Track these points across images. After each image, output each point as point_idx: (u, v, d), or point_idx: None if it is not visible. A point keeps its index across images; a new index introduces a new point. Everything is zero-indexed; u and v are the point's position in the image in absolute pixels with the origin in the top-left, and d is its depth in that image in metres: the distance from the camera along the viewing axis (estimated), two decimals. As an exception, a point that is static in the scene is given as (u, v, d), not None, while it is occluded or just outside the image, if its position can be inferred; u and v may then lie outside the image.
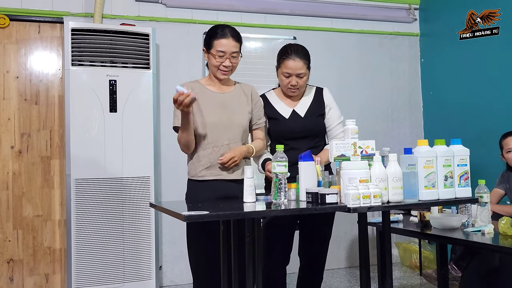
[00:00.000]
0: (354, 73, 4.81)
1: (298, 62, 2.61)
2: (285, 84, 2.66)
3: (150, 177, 3.77)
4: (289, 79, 2.64)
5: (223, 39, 2.46)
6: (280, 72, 2.68)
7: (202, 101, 2.49)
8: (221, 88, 2.58)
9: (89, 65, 3.66)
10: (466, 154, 2.33)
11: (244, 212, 1.99)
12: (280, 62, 2.67)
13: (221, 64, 2.47)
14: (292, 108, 2.72)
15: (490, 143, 4.10)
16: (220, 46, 2.45)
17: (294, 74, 2.62)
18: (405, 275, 4.37)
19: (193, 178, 2.50)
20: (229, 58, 2.47)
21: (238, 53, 2.51)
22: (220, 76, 2.52)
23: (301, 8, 4.65)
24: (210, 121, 2.48)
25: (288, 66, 2.62)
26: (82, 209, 3.58)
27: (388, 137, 4.82)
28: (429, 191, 2.22)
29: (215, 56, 2.46)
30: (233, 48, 2.48)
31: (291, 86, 2.65)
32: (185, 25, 4.32)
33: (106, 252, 3.63)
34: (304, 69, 2.63)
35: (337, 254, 4.62)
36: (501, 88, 4.18)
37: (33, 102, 3.98)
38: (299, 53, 2.64)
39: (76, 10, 4.02)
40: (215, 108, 2.51)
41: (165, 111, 4.16)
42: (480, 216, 2.64)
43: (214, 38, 2.47)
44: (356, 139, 2.24)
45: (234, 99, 2.57)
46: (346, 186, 2.08)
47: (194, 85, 2.54)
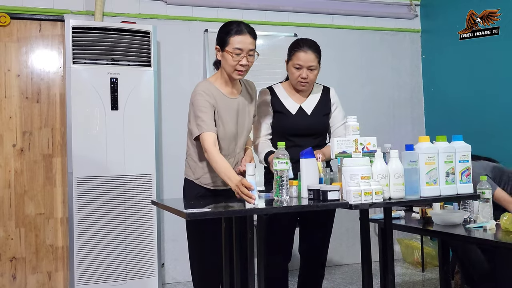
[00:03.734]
0: (355, 70, 4.81)
1: (309, 55, 2.58)
2: (295, 77, 2.62)
3: (151, 174, 3.78)
4: (300, 72, 2.59)
5: (240, 36, 2.31)
6: (291, 65, 2.63)
7: (221, 107, 2.39)
8: (232, 91, 2.46)
9: (90, 63, 3.66)
10: (468, 150, 2.33)
11: (246, 209, 1.99)
12: (292, 55, 2.63)
13: (238, 63, 2.32)
14: (299, 105, 2.70)
15: (491, 139, 4.10)
16: (237, 43, 2.30)
17: (305, 67, 2.58)
18: (407, 272, 4.37)
19: (195, 182, 2.47)
20: (246, 57, 2.32)
21: (254, 51, 2.37)
22: (236, 76, 2.37)
23: (301, 5, 4.64)
24: (229, 132, 2.41)
25: (300, 58, 2.58)
26: (84, 207, 3.59)
27: (389, 133, 4.81)
28: (430, 188, 2.23)
29: (232, 54, 2.30)
30: (250, 45, 2.33)
31: (302, 79, 2.60)
32: (186, 22, 4.31)
33: (108, 250, 3.63)
34: (315, 62, 2.60)
35: (339, 251, 4.62)
36: (501, 86, 4.17)
37: (35, 100, 3.98)
38: (311, 46, 2.61)
39: (77, 8, 4.01)
40: (232, 117, 2.43)
41: (166, 108, 4.16)
42: (481, 212, 2.64)
43: (230, 35, 2.31)
44: (358, 135, 2.24)
45: (244, 104, 2.50)
46: (347, 183, 2.08)
47: (212, 90, 2.39)
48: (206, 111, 2.31)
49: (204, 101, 2.33)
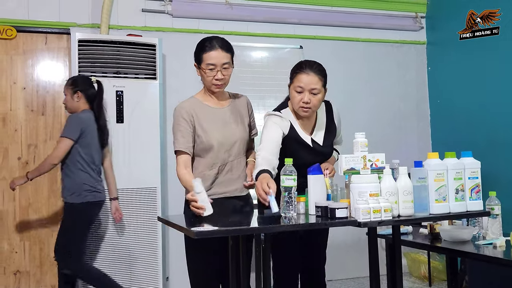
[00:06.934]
0: (360, 82, 4.79)
1: (312, 77, 2.40)
2: (297, 101, 2.42)
3: (156, 187, 3.76)
4: (302, 96, 2.40)
5: (212, 51, 2.36)
6: (292, 88, 2.45)
7: (204, 119, 2.42)
8: (219, 102, 2.49)
9: (96, 75, 3.65)
10: (477, 166, 2.30)
11: (253, 227, 1.97)
12: (293, 77, 2.47)
13: (213, 78, 2.37)
14: (310, 136, 2.54)
15: (499, 153, 4.06)
16: (210, 59, 2.35)
17: (307, 90, 2.40)
18: (414, 286, 4.32)
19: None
20: (221, 71, 2.37)
21: (229, 64, 2.40)
22: (215, 90, 2.43)
23: (307, 17, 4.64)
24: (215, 140, 2.40)
25: (301, 80, 2.41)
26: (89, 220, 3.57)
27: (395, 145, 4.78)
28: (440, 205, 2.20)
29: (205, 70, 2.37)
30: (223, 59, 2.37)
31: (303, 104, 2.40)
32: (192, 35, 4.31)
33: (113, 263, 3.61)
34: (318, 85, 2.41)
35: (345, 264, 4.58)
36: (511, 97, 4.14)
37: (40, 113, 3.98)
38: (313, 68, 2.43)
39: (82, 21, 4.02)
40: (218, 126, 2.44)
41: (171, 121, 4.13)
42: (491, 228, 2.61)
43: (203, 52, 2.38)
44: (366, 152, 2.22)
45: (233, 113, 2.50)
46: (356, 200, 2.05)
47: (193, 103, 2.45)
48: (181, 130, 2.40)
49: (181, 119, 2.41)
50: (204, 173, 2.41)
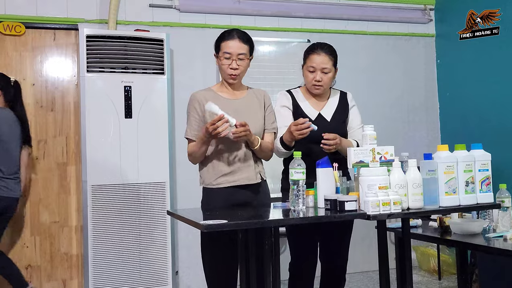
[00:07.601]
0: (369, 75, 4.77)
1: (323, 57, 2.59)
2: (309, 80, 2.61)
3: (165, 182, 3.77)
4: (314, 74, 2.59)
5: (230, 41, 2.45)
6: (305, 68, 2.64)
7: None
8: (234, 94, 2.55)
9: (104, 71, 3.68)
10: (488, 159, 2.29)
11: (263, 221, 1.97)
12: (306, 58, 2.65)
13: (228, 67, 2.45)
14: (318, 111, 2.66)
15: (510, 145, 4.03)
16: (227, 47, 2.44)
17: (319, 69, 2.58)
18: (423, 280, 4.31)
19: (209, 186, 2.48)
20: (236, 60, 2.44)
21: (245, 56, 2.47)
22: (230, 80, 2.50)
23: (314, 11, 4.62)
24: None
25: (313, 60, 2.59)
26: (99, 214, 3.59)
27: (404, 139, 4.76)
28: (450, 197, 2.19)
29: (222, 58, 2.46)
30: (240, 49, 2.45)
31: (315, 82, 2.59)
32: (199, 29, 4.31)
33: (123, 258, 3.63)
34: (329, 65, 2.59)
35: (354, 258, 4.54)
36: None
37: (49, 109, 4.00)
38: (324, 48, 2.62)
39: (90, 17, 4.03)
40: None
41: (180, 116, 4.15)
42: (501, 221, 2.60)
43: (222, 41, 2.48)
44: (375, 145, 2.21)
45: (247, 105, 2.54)
46: (365, 193, 2.05)
47: (206, 94, 2.52)
48: (190, 118, 2.51)
49: (191, 107, 2.52)
50: (213, 162, 2.46)
